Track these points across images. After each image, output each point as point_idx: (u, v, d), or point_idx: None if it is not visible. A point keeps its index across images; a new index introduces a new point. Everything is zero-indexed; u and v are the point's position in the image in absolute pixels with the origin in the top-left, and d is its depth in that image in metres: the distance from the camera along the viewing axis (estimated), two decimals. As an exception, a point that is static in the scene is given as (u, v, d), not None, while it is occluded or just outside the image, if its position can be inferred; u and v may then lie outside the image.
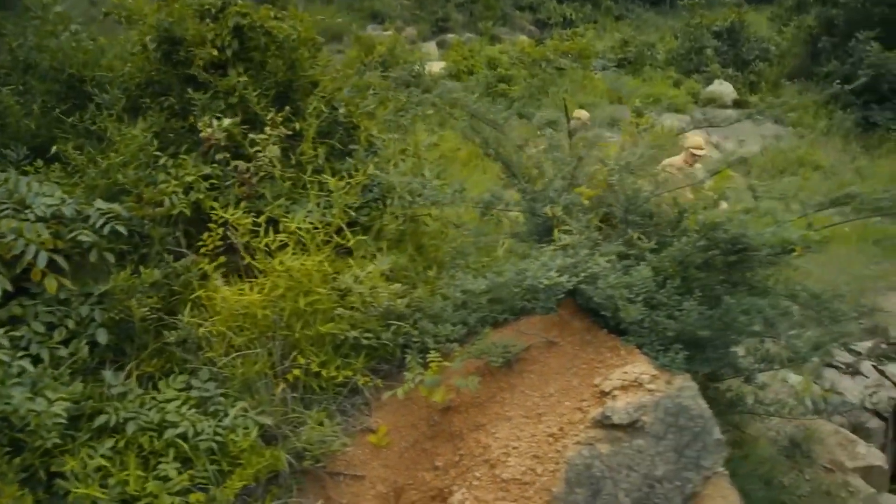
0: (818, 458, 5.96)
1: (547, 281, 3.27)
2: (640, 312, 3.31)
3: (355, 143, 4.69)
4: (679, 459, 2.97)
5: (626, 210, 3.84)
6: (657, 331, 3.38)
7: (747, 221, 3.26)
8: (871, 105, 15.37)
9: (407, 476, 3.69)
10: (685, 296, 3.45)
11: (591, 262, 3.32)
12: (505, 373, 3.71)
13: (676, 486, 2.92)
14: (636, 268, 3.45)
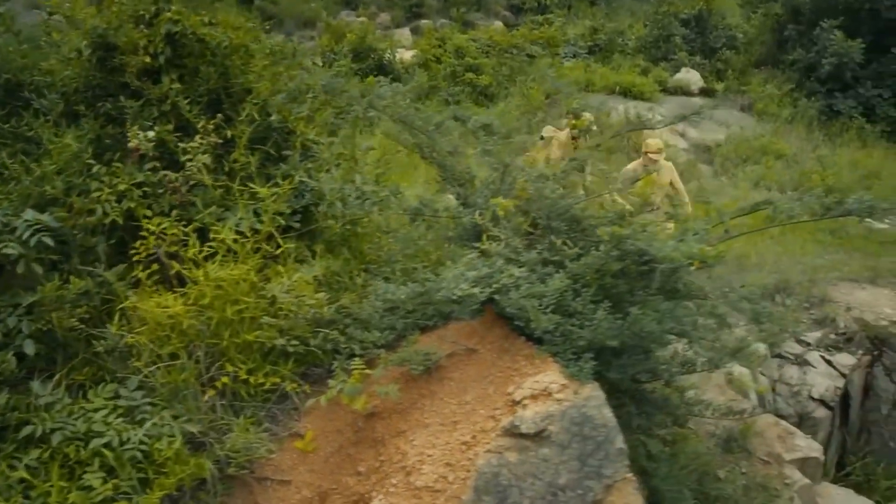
0: (756, 450, 6.11)
1: (459, 292, 3.34)
2: (552, 322, 3.39)
3: (290, 149, 4.73)
4: (582, 468, 3.06)
5: (549, 217, 3.91)
6: (571, 339, 3.47)
7: (651, 234, 3.34)
8: (834, 93, 15.54)
9: (331, 481, 3.77)
10: (600, 304, 3.54)
11: (506, 273, 3.39)
12: (426, 380, 3.79)
13: (578, 494, 3.02)
14: (552, 277, 3.53)
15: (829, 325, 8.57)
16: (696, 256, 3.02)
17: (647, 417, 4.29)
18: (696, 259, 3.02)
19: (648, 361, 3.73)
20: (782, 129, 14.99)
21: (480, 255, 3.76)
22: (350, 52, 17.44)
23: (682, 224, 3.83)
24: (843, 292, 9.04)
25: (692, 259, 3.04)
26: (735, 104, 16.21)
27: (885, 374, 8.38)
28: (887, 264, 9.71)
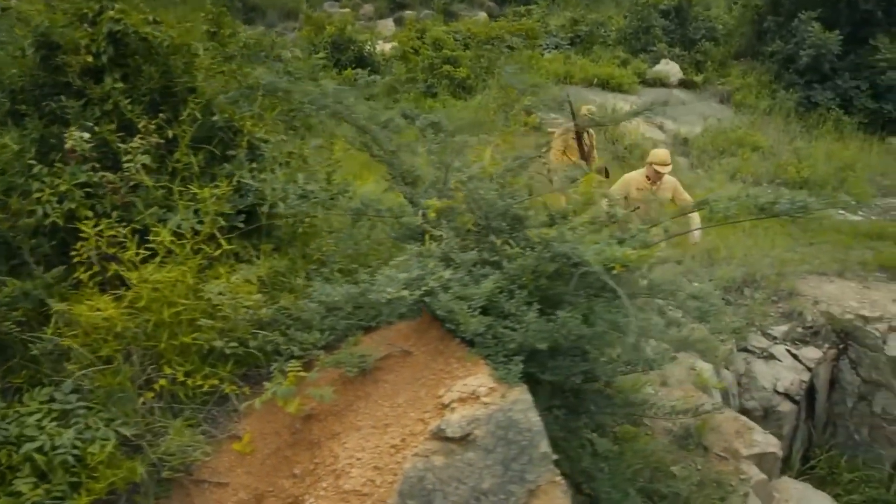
0: (713, 446, 6.13)
1: (388, 295, 3.32)
2: (482, 324, 3.38)
3: (237, 149, 4.70)
4: (505, 473, 3.06)
5: (488, 217, 3.90)
6: (503, 342, 3.46)
7: (578, 237, 3.32)
8: (813, 85, 15.55)
9: (268, 483, 3.76)
10: (533, 306, 3.53)
11: (436, 275, 3.38)
12: (362, 382, 3.78)
13: (501, 499, 3.01)
14: (486, 278, 3.52)
15: (796, 318, 8.60)
16: (617, 260, 3.01)
17: (590, 417, 4.29)
18: (617, 262, 3.01)
19: (586, 363, 3.71)
20: (760, 121, 15.02)
21: (418, 256, 3.75)
22: (329, 44, 17.37)
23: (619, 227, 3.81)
24: (810, 285, 9.08)
25: (613, 262, 3.02)
26: (714, 96, 16.23)
27: (850, 368, 8.43)
28: (856, 257, 9.75)
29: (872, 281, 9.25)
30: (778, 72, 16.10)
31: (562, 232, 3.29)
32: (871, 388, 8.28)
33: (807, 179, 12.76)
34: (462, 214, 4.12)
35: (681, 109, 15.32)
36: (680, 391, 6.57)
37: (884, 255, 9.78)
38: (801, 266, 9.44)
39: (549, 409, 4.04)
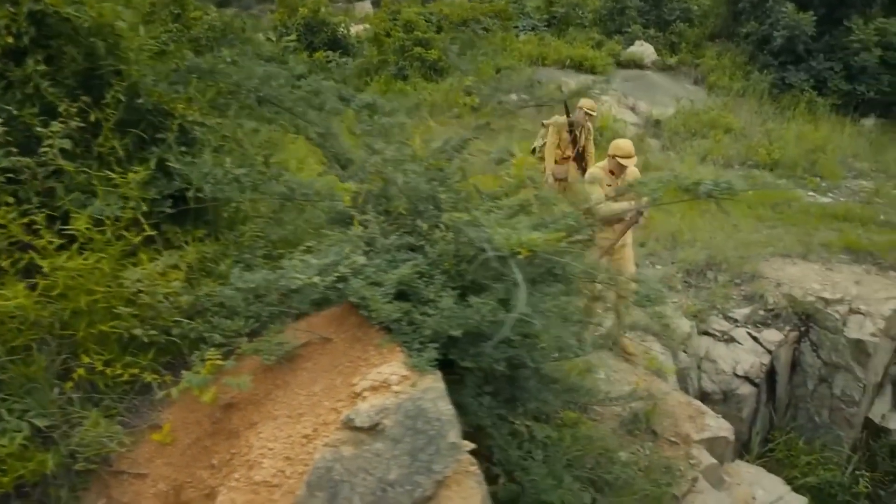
0: (664, 431, 6.10)
1: (299, 281, 3.24)
2: (396, 310, 3.31)
3: (167, 132, 4.58)
4: (412, 463, 2.99)
5: (413, 201, 3.82)
6: (420, 328, 3.39)
7: (493, 221, 3.24)
8: (787, 66, 15.48)
9: (186, 474, 3.68)
10: (453, 291, 3.46)
11: (348, 260, 3.30)
12: (282, 370, 3.71)
13: (407, 490, 2.94)
14: (405, 263, 3.44)
15: (758, 301, 8.57)
16: (522, 244, 2.93)
17: (524, 404, 4.24)
18: (523, 247, 2.93)
19: (512, 349, 3.64)
20: (733, 103, 14.95)
21: (340, 241, 3.67)
22: (302, 27, 17.15)
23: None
24: (774, 268, 9.05)
25: (518, 247, 2.94)
26: (688, 77, 16.14)
27: (811, 350, 8.42)
28: (821, 239, 9.72)
29: (836, 263, 9.24)
30: (752, 53, 16.01)
31: (474, 216, 3.21)
32: (831, 371, 8.28)
33: (777, 161, 12.72)
34: (392, 199, 4.04)
35: (654, 91, 15.25)
36: (633, 376, 6.54)
37: (849, 236, 9.75)
38: (766, 248, 9.41)
39: (479, 396, 3.98)
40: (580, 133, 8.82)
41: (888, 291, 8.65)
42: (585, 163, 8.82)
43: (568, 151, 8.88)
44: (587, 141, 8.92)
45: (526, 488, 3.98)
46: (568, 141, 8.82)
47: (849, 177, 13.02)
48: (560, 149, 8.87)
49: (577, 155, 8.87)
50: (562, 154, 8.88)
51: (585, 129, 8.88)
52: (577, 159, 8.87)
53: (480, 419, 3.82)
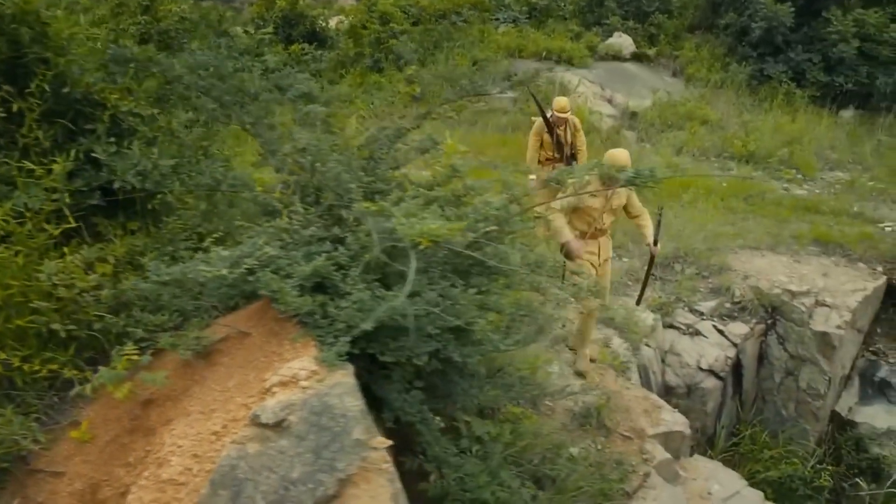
0: (618, 426, 6.03)
1: (206, 273, 3.15)
2: (308, 303, 3.22)
3: (97, 122, 4.48)
4: (316, 461, 2.90)
5: (336, 191, 3.72)
6: (336, 321, 3.30)
7: (403, 212, 3.15)
8: (766, 58, 15.40)
9: (104, 472, 3.59)
10: (371, 284, 3.37)
11: (259, 252, 3.21)
12: (201, 365, 3.61)
13: (309, 488, 2.85)
14: (319, 256, 3.35)
15: (725, 294, 8.50)
16: (424, 234, 2.84)
17: (456, 399, 4.15)
18: (425, 237, 2.84)
19: (434, 343, 3.55)
20: (710, 95, 14.88)
21: (260, 232, 3.58)
22: (280, 19, 17.01)
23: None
24: (741, 260, 8.98)
25: (421, 237, 2.86)
26: (666, 69, 16.06)
27: (778, 343, 8.36)
28: (791, 230, 9.66)
29: (804, 255, 9.18)
30: (731, 45, 15.92)
31: (381, 206, 3.11)
32: (798, 364, 8.22)
33: (753, 153, 12.65)
34: (322, 189, 3.95)
35: (632, 82, 15.16)
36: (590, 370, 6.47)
37: (819, 228, 9.69)
38: (735, 241, 9.34)
39: (409, 391, 3.89)
40: (563, 131, 8.34)
41: (855, 283, 8.60)
42: (579, 161, 8.38)
43: (551, 153, 8.44)
44: (575, 137, 8.45)
45: (458, 485, 3.90)
46: (551, 142, 8.35)
47: (825, 169, 12.96)
48: (544, 150, 8.46)
49: (571, 154, 8.40)
50: (548, 155, 8.46)
51: (570, 125, 8.40)
52: (570, 158, 8.38)
53: (409, 415, 3.73)
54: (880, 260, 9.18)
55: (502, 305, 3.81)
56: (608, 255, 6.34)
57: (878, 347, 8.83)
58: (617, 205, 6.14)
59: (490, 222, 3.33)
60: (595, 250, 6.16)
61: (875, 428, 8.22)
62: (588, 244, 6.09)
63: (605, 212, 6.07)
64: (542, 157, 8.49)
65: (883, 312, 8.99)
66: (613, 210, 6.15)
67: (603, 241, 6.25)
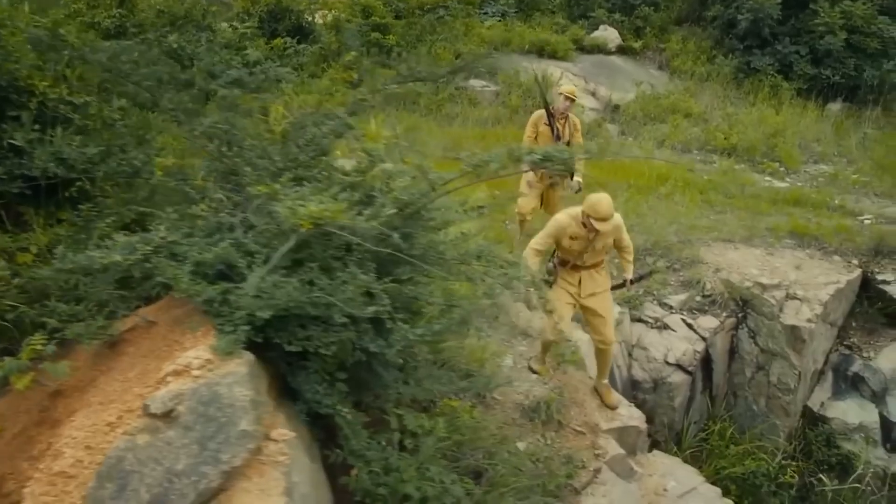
0: (571, 421, 5.92)
1: (103, 260, 3.06)
2: (207, 290, 3.13)
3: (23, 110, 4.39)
4: (201, 452, 2.80)
5: (249, 176, 3.63)
6: (241, 309, 3.20)
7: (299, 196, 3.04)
8: (753, 50, 15.25)
9: (10, 465, 3.49)
10: (282, 270, 3.27)
11: (156, 239, 3.11)
12: (109, 355, 3.52)
13: (193, 481, 2.75)
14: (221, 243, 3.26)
15: (695, 287, 8.38)
16: (303, 217, 2.74)
17: (378, 392, 4.05)
18: (304, 220, 2.74)
19: (344, 332, 3.45)
20: (696, 88, 14.74)
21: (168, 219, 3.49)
22: (266, 14, 16.89)
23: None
24: (714, 253, 8.86)
25: (301, 220, 2.76)
26: (653, 62, 15.92)
27: (749, 337, 8.24)
28: (767, 223, 9.53)
29: (779, 248, 9.05)
30: (718, 37, 15.78)
31: (273, 189, 3.01)
32: (768, 358, 8.09)
33: (735, 146, 12.52)
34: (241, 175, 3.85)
35: (617, 75, 15.02)
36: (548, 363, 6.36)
37: (796, 221, 9.56)
38: (709, 233, 9.21)
39: (331, 382, 3.80)
40: (563, 125, 7.78)
41: (828, 276, 8.47)
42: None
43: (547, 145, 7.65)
44: (573, 136, 7.86)
45: (373, 479, 3.80)
46: (548, 135, 7.72)
47: (809, 161, 12.81)
48: (538, 142, 7.69)
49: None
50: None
51: (570, 122, 7.85)
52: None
53: (323, 407, 3.63)
54: (856, 253, 9.04)
55: (420, 295, 3.71)
56: (595, 289, 5.80)
57: (852, 342, 8.69)
58: (602, 246, 5.69)
59: (393, 207, 3.22)
60: (574, 282, 5.76)
61: (847, 423, 8.10)
62: (568, 273, 5.77)
63: (587, 253, 5.66)
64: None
65: (858, 306, 8.85)
66: (597, 251, 5.71)
67: (586, 276, 5.76)
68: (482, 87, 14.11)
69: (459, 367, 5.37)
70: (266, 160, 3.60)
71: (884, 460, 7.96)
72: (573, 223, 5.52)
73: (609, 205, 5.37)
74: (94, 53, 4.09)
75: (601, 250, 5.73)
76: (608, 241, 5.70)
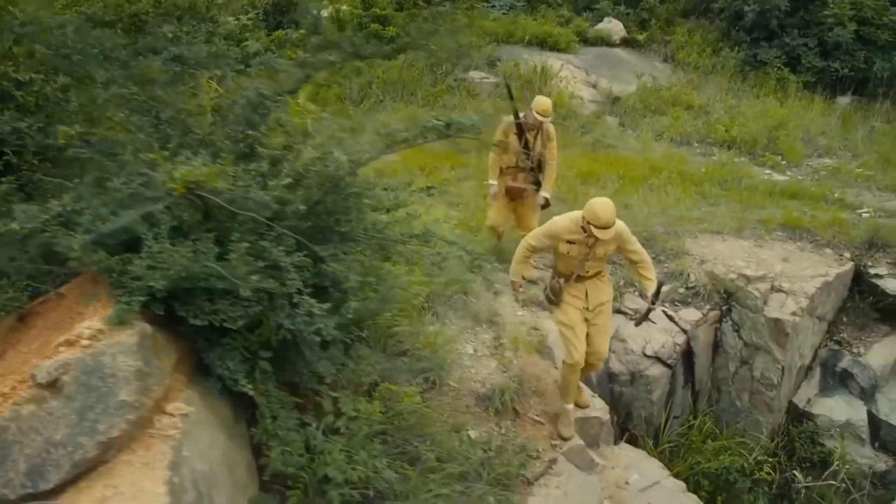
0: (529, 410, 5.81)
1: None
2: (104, 260, 3.06)
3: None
4: (80, 423, 2.74)
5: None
6: (137, 280, 3.14)
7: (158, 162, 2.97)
8: (760, 43, 14.96)
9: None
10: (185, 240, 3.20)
11: (55, 208, 3.05)
12: (20, 328, 3.48)
13: (69, 451, 2.69)
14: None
15: (679, 279, 8.20)
16: (180, 180, 2.66)
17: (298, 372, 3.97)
18: (178, 184, 2.66)
19: (255, 306, 3.38)
20: (700, 80, 14.48)
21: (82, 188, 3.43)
22: (270, 6, 16.92)
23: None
24: (701, 244, 8.67)
25: (181, 183, 2.68)
26: (657, 55, 15.68)
27: (733, 331, 8.04)
28: (759, 215, 9.31)
29: (769, 240, 8.83)
30: (725, 29, 15.49)
31: (160, 154, 2.93)
32: (752, 352, 7.90)
33: (735, 138, 12.28)
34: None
35: (620, 68, 14.81)
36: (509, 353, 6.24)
37: (789, 213, 9.33)
38: (697, 225, 9.02)
39: (252, 361, 3.73)
40: (535, 138, 7.15)
41: (816, 269, 8.25)
42: (542, 175, 7.26)
43: (516, 161, 7.26)
44: (546, 147, 7.19)
45: (295, 460, 3.72)
46: (518, 148, 7.15)
47: (813, 155, 12.52)
48: (508, 155, 7.21)
49: (537, 165, 7.25)
50: (510, 162, 7.27)
51: (544, 132, 7.16)
52: (535, 170, 7.26)
53: (239, 385, 3.55)
54: (849, 246, 8.80)
55: (341, 273, 3.62)
56: (601, 300, 5.48)
57: (842, 337, 8.45)
58: (603, 253, 5.32)
59: (288, 178, 3.14)
60: (580, 295, 5.41)
61: (833, 420, 7.88)
62: (572, 287, 5.40)
63: (589, 260, 5.30)
64: (504, 163, 7.30)
65: (850, 300, 8.62)
66: (599, 258, 5.36)
67: (591, 286, 5.42)
68: (481, 79, 13.97)
69: (409, 351, 5.29)
70: (187, 133, 3.53)
71: (870, 458, 7.74)
72: (573, 226, 5.18)
73: (611, 211, 5.00)
74: (39, 30, 4.05)
75: (603, 257, 5.40)
76: (609, 248, 5.33)
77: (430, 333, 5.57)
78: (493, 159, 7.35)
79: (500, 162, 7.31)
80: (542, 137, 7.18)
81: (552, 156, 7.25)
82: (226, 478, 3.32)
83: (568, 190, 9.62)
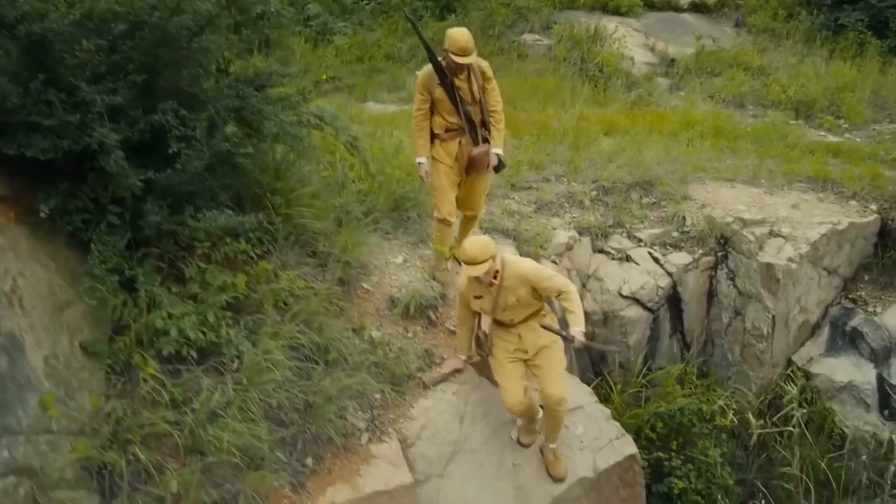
0: (445, 321, 5.68)
1: None
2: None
3: None
4: None
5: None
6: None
7: None
8: (842, 6, 13.87)
9: None
10: None
11: None
12: None
13: None
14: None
15: (676, 222, 7.73)
16: None
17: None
18: None
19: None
20: (767, 44, 13.58)
21: None
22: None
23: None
24: (707, 191, 8.14)
25: None
26: (729, 19, 14.86)
27: (727, 279, 7.51)
28: (784, 168, 8.62)
29: (785, 189, 8.18)
30: (802, -9, 14.48)
31: None
32: (745, 301, 7.34)
33: (792, 98, 11.43)
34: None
35: (684, 32, 14.08)
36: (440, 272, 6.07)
37: (818, 165, 8.61)
38: (710, 173, 8.47)
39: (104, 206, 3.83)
40: (466, 83, 5.40)
41: (825, 217, 7.57)
42: (489, 128, 5.59)
43: (450, 117, 5.52)
44: (486, 92, 5.49)
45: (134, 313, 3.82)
46: (445, 99, 5.44)
47: (883, 120, 11.48)
48: (440, 114, 5.55)
49: (482, 121, 5.56)
50: (447, 124, 5.56)
51: (475, 72, 5.41)
52: (481, 127, 5.57)
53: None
54: (878, 199, 8.02)
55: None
56: (540, 344, 4.83)
57: (859, 295, 7.70)
58: (515, 299, 4.74)
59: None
60: (513, 340, 4.89)
61: (833, 381, 7.21)
62: (506, 333, 4.92)
63: (501, 310, 4.79)
64: (439, 125, 5.58)
65: (874, 256, 7.84)
66: (513, 306, 4.78)
67: (524, 329, 4.87)
68: (535, 42, 13.68)
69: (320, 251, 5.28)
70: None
71: (874, 426, 7.03)
72: (468, 280, 4.74)
73: (478, 246, 4.54)
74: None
75: (518, 303, 4.77)
76: (520, 293, 4.72)
77: (346, 238, 5.46)
78: (416, 127, 5.61)
79: (429, 127, 5.60)
80: (476, 79, 5.42)
81: (496, 100, 5.55)
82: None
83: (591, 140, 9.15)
